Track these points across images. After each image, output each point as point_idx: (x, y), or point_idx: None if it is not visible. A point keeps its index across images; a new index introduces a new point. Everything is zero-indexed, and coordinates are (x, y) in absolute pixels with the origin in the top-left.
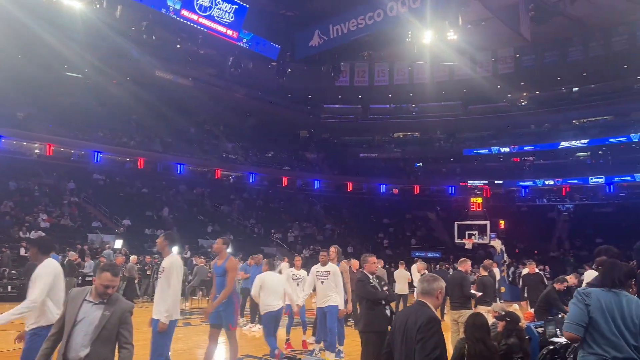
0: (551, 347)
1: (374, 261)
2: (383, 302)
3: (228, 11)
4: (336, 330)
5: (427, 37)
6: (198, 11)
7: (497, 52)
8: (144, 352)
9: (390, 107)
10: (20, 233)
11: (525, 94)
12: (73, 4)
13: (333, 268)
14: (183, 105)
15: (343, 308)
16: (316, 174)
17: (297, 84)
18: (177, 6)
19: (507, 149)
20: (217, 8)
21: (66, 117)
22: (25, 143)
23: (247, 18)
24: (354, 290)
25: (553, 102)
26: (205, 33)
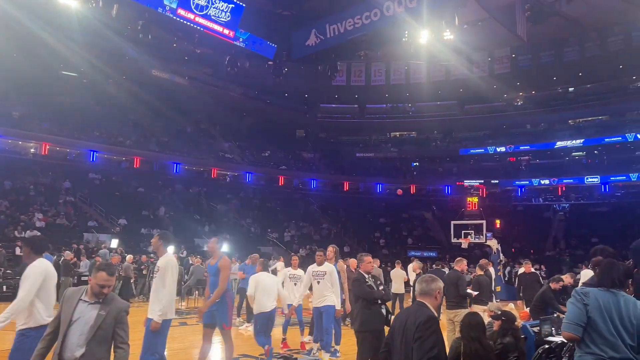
0: (547, 347)
1: (370, 260)
2: (379, 302)
3: (224, 10)
4: (332, 330)
5: (424, 37)
6: (194, 10)
7: (494, 52)
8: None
9: (386, 107)
10: (15, 232)
11: (521, 94)
12: (69, 3)
13: (329, 268)
14: (179, 104)
15: (339, 308)
16: (313, 174)
17: (294, 84)
18: (174, 5)
19: (503, 149)
20: (214, 7)
21: (62, 116)
22: (20, 142)
23: (244, 17)
24: (350, 289)
25: (549, 102)
26: (201, 32)
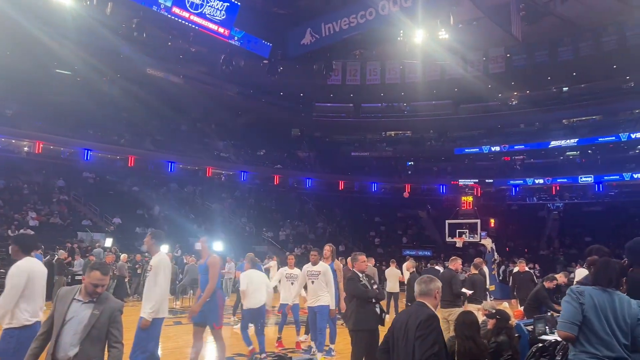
0: (540, 345)
1: (364, 260)
2: (373, 301)
3: (220, 9)
4: (326, 329)
5: (419, 36)
6: (189, 8)
7: (488, 52)
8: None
9: (381, 106)
10: (9, 231)
11: (515, 94)
12: (63, 1)
13: (324, 267)
14: (174, 103)
15: (334, 307)
16: (308, 173)
17: (289, 82)
18: (168, 3)
19: (498, 148)
20: (209, 5)
21: (56, 115)
22: (14, 140)
23: (239, 16)
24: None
25: (543, 102)
26: (196, 31)
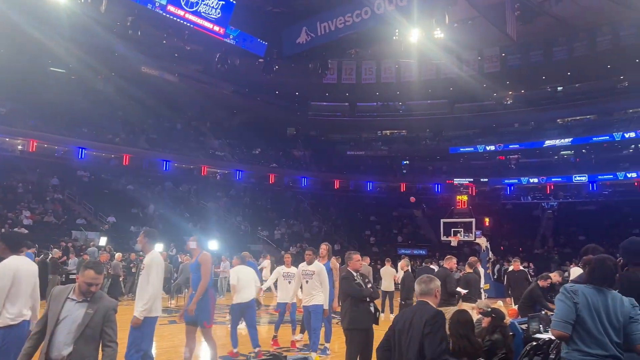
0: (534, 344)
1: (358, 259)
2: (367, 300)
3: (215, 7)
4: (320, 329)
5: (414, 36)
6: (184, 7)
7: (484, 51)
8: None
9: (377, 105)
10: (2, 230)
11: (510, 93)
12: None
13: (318, 267)
14: (169, 101)
15: (327, 307)
16: (303, 172)
17: (285, 81)
18: (163, 1)
19: (493, 147)
20: (204, 4)
21: (50, 113)
22: (7, 139)
23: (234, 14)
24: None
25: (538, 101)
26: (191, 29)
